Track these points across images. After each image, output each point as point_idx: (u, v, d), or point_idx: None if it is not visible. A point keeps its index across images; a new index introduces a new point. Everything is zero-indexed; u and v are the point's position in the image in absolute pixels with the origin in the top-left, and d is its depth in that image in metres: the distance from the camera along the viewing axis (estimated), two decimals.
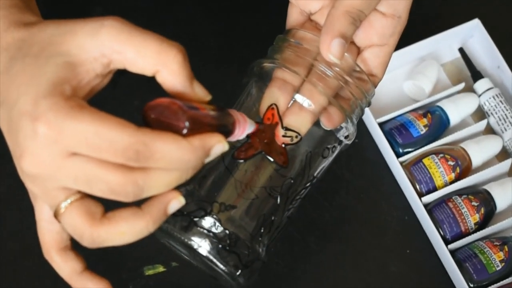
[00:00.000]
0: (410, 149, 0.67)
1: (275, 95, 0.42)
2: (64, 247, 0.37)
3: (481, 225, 0.64)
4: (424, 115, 0.67)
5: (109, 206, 0.35)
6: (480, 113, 0.70)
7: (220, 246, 0.41)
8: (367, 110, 0.67)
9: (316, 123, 0.43)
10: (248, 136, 0.41)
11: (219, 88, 0.50)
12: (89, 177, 0.32)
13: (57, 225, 0.37)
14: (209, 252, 0.41)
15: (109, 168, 0.32)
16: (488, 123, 0.69)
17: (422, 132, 0.66)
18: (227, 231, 0.41)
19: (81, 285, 0.37)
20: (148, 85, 0.73)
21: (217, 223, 0.41)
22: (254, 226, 0.42)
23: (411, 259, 0.65)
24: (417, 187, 0.65)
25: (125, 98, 0.64)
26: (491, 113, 0.69)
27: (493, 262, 0.62)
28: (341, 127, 0.44)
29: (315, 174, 0.44)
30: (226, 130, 0.37)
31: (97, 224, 0.33)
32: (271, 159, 0.42)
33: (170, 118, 0.33)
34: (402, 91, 0.71)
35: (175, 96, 0.35)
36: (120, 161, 0.32)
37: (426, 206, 0.65)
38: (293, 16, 0.46)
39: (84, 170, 0.32)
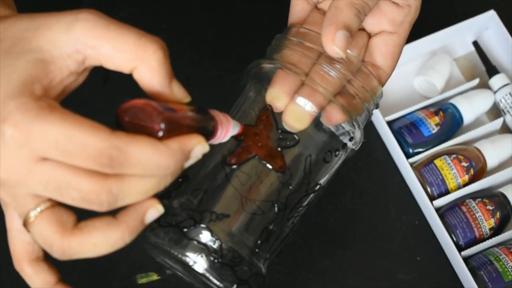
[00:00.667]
0: (420, 149, 0.66)
1: (274, 96, 0.41)
2: (36, 258, 0.37)
3: (496, 231, 0.64)
4: (436, 113, 0.66)
5: (83, 215, 0.34)
6: (495, 111, 0.69)
7: (213, 260, 0.40)
8: None
9: (318, 126, 0.42)
10: (241, 140, 0.41)
11: (217, 83, 0.48)
12: (60, 184, 0.31)
13: (29, 235, 0.36)
14: (203, 267, 0.40)
15: (81, 174, 0.31)
16: (504, 122, 0.68)
17: (433, 131, 0.66)
18: (222, 244, 0.40)
19: None
20: None
21: (210, 235, 0.40)
22: (251, 238, 0.41)
23: (421, 267, 0.64)
24: (428, 189, 0.64)
25: (116, 94, 0.65)
26: (507, 110, 0.68)
27: (510, 270, 0.61)
28: (344, 130, 0.43)
29: (319, 182, 0.43)
30: (206, 132, 0.35)
31: (68, 234, 0.33)
32: (267, 164, 0.41)
33: (145, 120, 0.32)
34: (412, 87, 0.70)
35: (151, 96, 0.34)
36: (92, 167, 0.31)
37: (437, 210, 0.64)
38: (299, 5, 0.45)
39: (55, 176, 0.31)
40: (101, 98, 0.63)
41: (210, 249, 0.40)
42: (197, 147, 0.34)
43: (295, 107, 0.41)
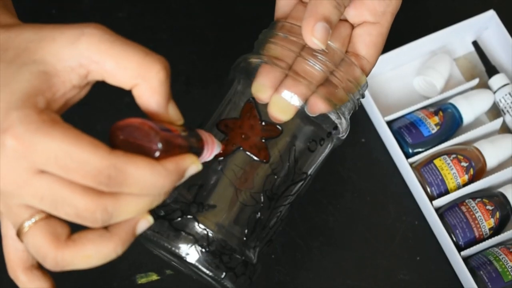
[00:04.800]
0: (420, 149, 0.66)
1: (258, 89, 0.42)
2: (31, 266, 0.37)
3: (496, 230, 0.63)
4: (436, 113, 0.66)
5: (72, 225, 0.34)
6: (495, 111, 0.69)
7: (203, 250, 0.41)
8: (374, 107, 0.66)
9: (302, 117, 0.43)
10: (226, 133, 0.42)
11: (216, 83, 0.48)
12: (56, 198, 0.31)
13: None
14: (193, 257, 0.41)
15: (77, 191, 0.31)
16: (504, 122, 0.68)
17: (433, 131, 0.65)
18: (209, 234, 0.41)
19: None
20: None
21: (197, 225, 0.41)
22: (239, 228, 0.43)
23: (421, 267, 0.64)
24: (428, 189, 0.64)
25: (115, 95, 0.63)
26: (507, 110, 0.68)
27: (509, 270, 0.60)
28: (329, 118, 0.43)
29: (307, 171, 0.44)
30: (195, 152, 0.36)
31: (62, 246, 0.33)
32: (251, 155, 0.42)
33: (141, 139, 0.33)
34: (412, 87, 0.70)
35: (147, 114, 0.35)
36: (90, 184, 0.31)
37: (437, 210, 0.64)
38: (283, 0, 0.46)
39: (51, 190, 0.31)
40: (100, 99, 0.63)
41: (198, 240, 0.41)
42: (191, 166, 0.34)
43: (279, 98, 0.42)
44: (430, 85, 0.68)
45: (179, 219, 0.41)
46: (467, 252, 0.62)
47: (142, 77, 0.33)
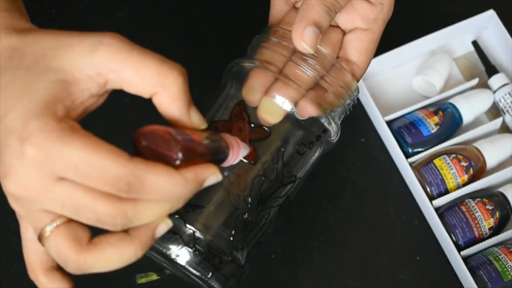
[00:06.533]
0: (420, 149, 0.66)
1: (248, 92, 0.42)
2: (51, 268, 0.37)
3: (496, 230, 0.63)
4: (435, 113, 0.66)
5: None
6: (495, 111, 0.69)
7: (190, 250, 0.41)
8: (374, 107, 0.66)
9: (290, 120, 0.43)
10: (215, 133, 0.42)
11: (216, 83, 0.48)
12: (76, 205, 0.32)
13: None
14: (177, 255, 0.41)
15: (97, 197, 0.32)
16: (503, 121, 0.68)
17: (433, 131, 0.66)
18: (196, 234, 0.41)
19: None
20: None
21: (184, 225, 0.41)
22: (227, 229, 0.43)
23: (421, 267, 0.64)
24: (428, 189, 0.64)
25: (116, 94, 0.62)
26: (507, 110, 0.68)
27: (509, 269, 0.60)
28: (318, 122, 0.44)
29: (296, 174, 0.45)
30: (220, 157, 0.36)
31: (83, 250, 0.33)
32: None
33: (163, 147, 0.33)
34: (411, 87, 0.70)
35: (169, 121, 0.35)
36: (109, 191, 0.31)
37: (437, 209, 0.64)
38: (278, 6, 0.46)
39: (72, 197, 0.32)
40: None
41: (184, 240, 0.41)
42: (211, 177, 0.34)
43: (268, 101, 0.42)
44: (429, 85, 0.68)
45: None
46: (467, 252, 0.61)
47: (161, 85, 0.33)
